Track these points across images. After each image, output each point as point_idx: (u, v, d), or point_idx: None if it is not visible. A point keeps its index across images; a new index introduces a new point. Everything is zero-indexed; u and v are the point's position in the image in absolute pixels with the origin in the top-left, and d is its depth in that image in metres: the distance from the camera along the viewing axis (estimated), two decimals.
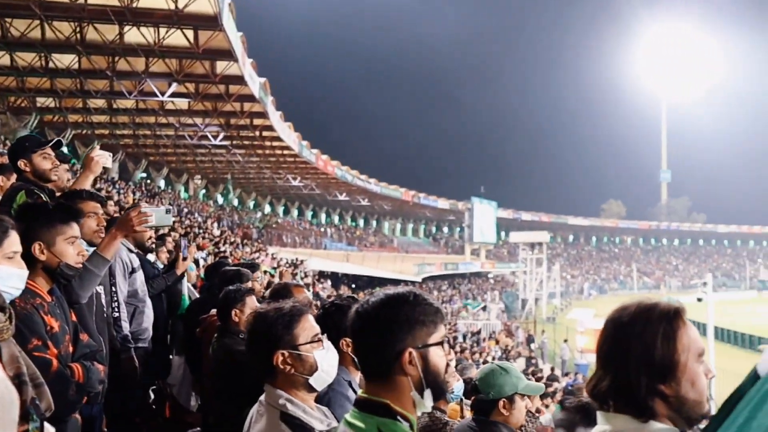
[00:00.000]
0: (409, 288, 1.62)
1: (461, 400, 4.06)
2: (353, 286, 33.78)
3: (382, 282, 37.76)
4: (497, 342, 27.33)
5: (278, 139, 29.76)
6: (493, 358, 18.91)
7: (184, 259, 5.37)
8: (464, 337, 26.74)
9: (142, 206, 3.25)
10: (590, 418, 2.24)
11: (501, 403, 2.98)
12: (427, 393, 1.55)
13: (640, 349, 1.37)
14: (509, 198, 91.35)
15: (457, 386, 3.74)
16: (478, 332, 28.62)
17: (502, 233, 69.67)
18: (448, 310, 37.87)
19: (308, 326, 2.07)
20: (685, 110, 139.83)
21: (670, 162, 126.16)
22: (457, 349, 18.00)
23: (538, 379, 13.24)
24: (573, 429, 2.94)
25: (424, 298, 1.57)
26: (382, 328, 1.53)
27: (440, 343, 1.58)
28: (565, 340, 26.40)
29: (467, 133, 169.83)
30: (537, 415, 3.40)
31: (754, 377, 1.40)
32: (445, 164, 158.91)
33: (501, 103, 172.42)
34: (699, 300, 22.72)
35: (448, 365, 3.44)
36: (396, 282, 38.97)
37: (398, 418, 1.52)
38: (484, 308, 41.03)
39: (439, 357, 1.57)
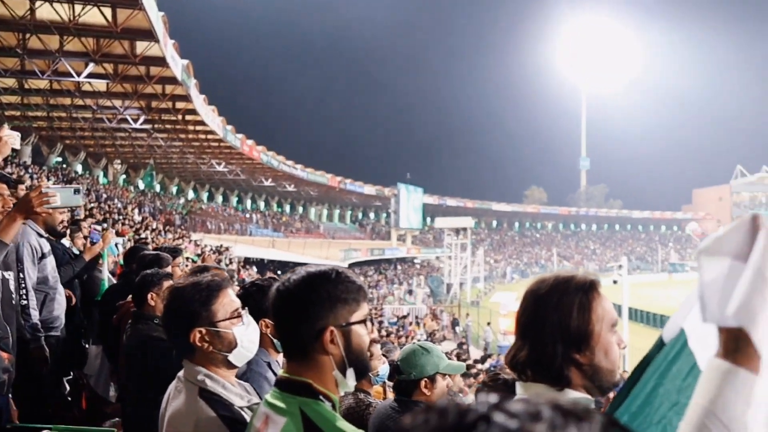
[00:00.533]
0: (330, 265, 1.58)
1: (385, 382, 4.07)
2: (279, 272, 33.47)
3: None
4: (424, 326, 27.68)
5: (202, 123, 29.03)
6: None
7: (93, 243, 5.16)
8: (390, 322, 26.94)
9: (44, 185, 2.94)
10: (511, 393, 2.27)
11: (423, 383, 2.99)
12: (350, 372, 1.53)
13: (557, 319, 1.39)
14: (435, 184, 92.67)
15: (382, 369, 3.73)
16: (405, 317, 28.88)
17: (428, 219, 70.43)
18: (374, 295, 38.10)
19: (227, 301, 2.00)
20: (604, 101, 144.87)
21: (589, 150, 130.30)
22: (383, 333, 18.10)
23: (477, 370, 13.45)
24: None
25: (346, 276, 1.54)
26: (303, 306, 1.50)
27: (362, 322, 1.56)
28: (489, 323, 26.99)
29: (394, 119, 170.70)
30: (460, 394, 3.42)
31: (659, 345, 1.46)
32: (372, 150, 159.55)
33: (428, 90, 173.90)
34: (614, 282, 23.60)
35: (372, 344, 3.41)
36: None
37: (320, 397, 1.50)
38: (410, 292, 41.47)
39: (361, 335, 1.54)
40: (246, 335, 2.01)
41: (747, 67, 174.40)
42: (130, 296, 3.88)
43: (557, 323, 1.39)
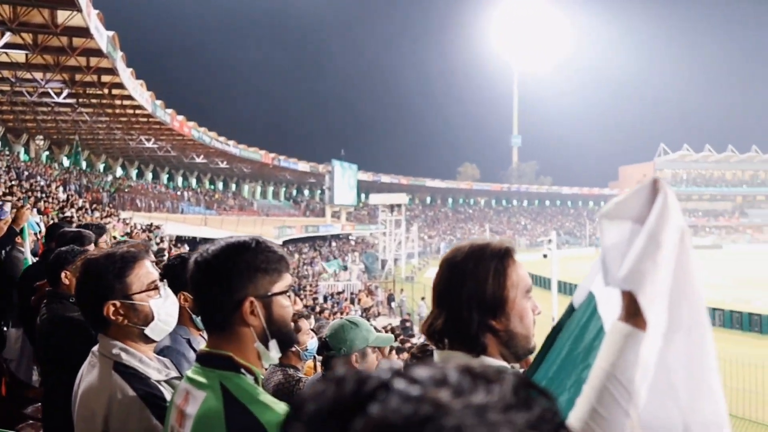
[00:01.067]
0: (251, 235, 1.53)
1: (315, 357, 4.04)
2: None
3: None
4: (359, 302, 27.81)
5: (129, 97, 28.07)
6: None
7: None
8: (325, 298, 26.94)
9: None
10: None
11: (353, 357, 2.96)
12: (273, 344, 1.50)
13: (473, 286, 1.39)
14: (370, 161, 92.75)
15: (311, 343, 3.68)
16: (340, 293, 28.93)
17: (363, 195, 70.49)
18: (309, 272, 37.99)
19: (143, 273, 1.92)
20: (535, 80, 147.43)
21: (520, 128, 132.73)
22: (318, 310, 18.10)
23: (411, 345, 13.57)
24: None
25: (267, 246, 1.50)
26: (221, 277, 1.45)
27: (284, 292, 1.52)
28: (422, 298, 27.28)
29: (329, 95, 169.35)
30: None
31: (570, 310, 1.49)
32: (306, 127, 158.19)
33: (363, 67, 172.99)
34: (545, 256, 24.26)
35: (300, 317, 3.36)
36: None
37: (242, 371, 1.46)
38: (345, 268, 41.50)
39: (283, 306, 1.51)
40: (164, 308, 1.94)
41: (671, 50, 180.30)
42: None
43: (473, 290, 1.39)
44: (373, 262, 46.79)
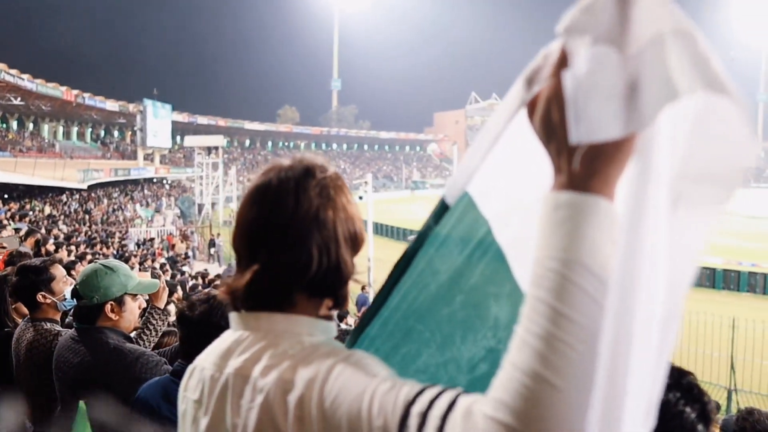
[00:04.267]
0: None
1: None
2: (5, 196, 30.05)
3: (42, 191, 34.36)
4: (173, 247, 26.92)
5: None
6: (166, 266, 18.62)
7: None
8: (138, 245, 25.76)
9: None
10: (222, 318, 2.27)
11: (108, 306, 2.67)
12: None
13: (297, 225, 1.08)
14: (185, 101, 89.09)
15: (69, 291, 3.38)
16: (152, 239, 27.78)
17: (178, 138, 67.55)
18: (120, 217, 36.05)
19: None
20: (355, 24, 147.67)
21: (340, 71, 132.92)
22: (125, 257, 17.27)
23: None
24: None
25: None
26: None
27: None
28: None
29: (140, 31, 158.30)
30: (168, 314, 3.30)
31: (442, 209, 1.18)
32: (114, 63, 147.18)
33: (178, 2, 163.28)
34: (361, 198, 24.92)
35: (50, 263, 3.10)
36: (57, 190, 35.70)
37: None
38: (157, 211, 39.87)
39: None
40: None
41: (485, 3, 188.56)
42: None
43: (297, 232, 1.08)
44: (190, 207, 45.29)
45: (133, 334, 2.94)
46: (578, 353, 0.68)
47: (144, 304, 2.99)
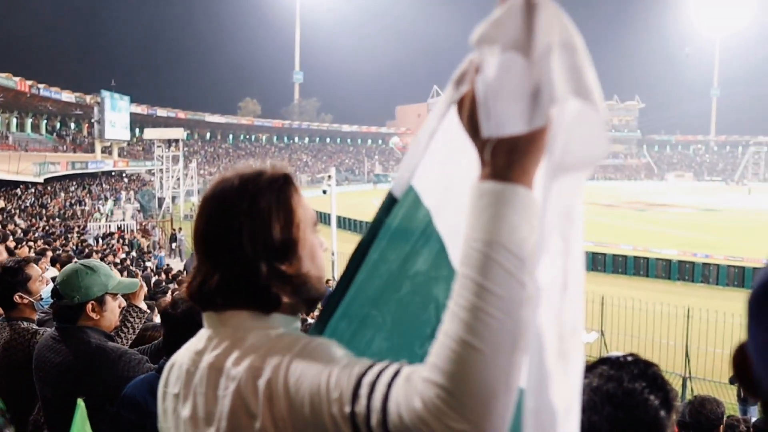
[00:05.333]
0: None
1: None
2: None
3: None
4: (133, 240, 26.53)
5: None
6: (126, 261, 18.39)
7: None
8: (97, 240, 25.34)
9: None
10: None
11: (89, 306, 2.69)
12: None
13: (254, 227, 1.14)
14: (144, 93, 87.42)
15: (45, 291, 3.35)
16: (111, 234, 27.36)
17: (137, 130, 66.46)
18: (77, 211, 35.38)
19: None
20: (317, 16, 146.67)
21: (302, 64, 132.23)
22: (86, 253, 16.99)
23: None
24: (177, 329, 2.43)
25: None
26: None
27: None
28: None
29: (95, 21, 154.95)
30: (146, 312, 3.33)
31: (390, 202, 1.28)
32: (70, 54, 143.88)
33: None
34: (324, 192, 24.86)
35: (25, 263, 3.12)
36: (12, 184, 34.87)
37: None
38: (117, 206, 39.24)
39: None
40: None
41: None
42: None
43: (255, 234, 1.14)
44: (150, 201, 44.63)
45: None
46: (499, 321, 0.80)
47: (124, 303, 3.01)
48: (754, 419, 6.94)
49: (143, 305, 3.42)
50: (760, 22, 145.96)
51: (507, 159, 0.84)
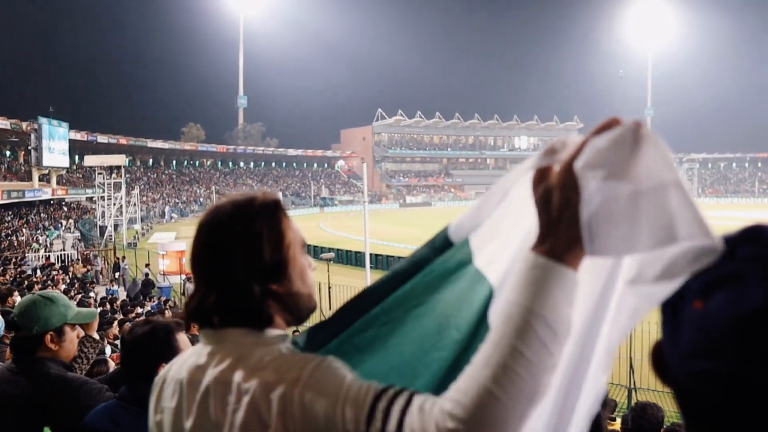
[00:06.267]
0: None
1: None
2: None
3: None
4: (73, 272, 25.82)
5: None
6: (71, 292, 17.90)
7: None
8: (35, 270, 24.58)
9: None
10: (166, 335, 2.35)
11: (48, 337, 2.69)
12: None
13: (248, 250, 1.23)
14: (83, 119, 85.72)
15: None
16: (51, 264, 26.57)
17: (76, 157, 64.88)
18: (14, 242, 34.26)
19: None
20: (261, 40, 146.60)
21: (246, 88, 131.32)
22: (26, 284, 16.49)
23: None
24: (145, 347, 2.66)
25: None
26: None
27: None
28: (147, 265, 26.27)
29: (32, 46, 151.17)
30: (99, 342, 3.30)
31: (445, 242, 1.30)
32: (5, 79, 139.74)
33: (75, 14, 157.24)
34: None
35: None
36: None
37: None
38: (58, 236, 38.13)
39: None
40: None
41: (389, 22, 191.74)
42: None
43: (249, 256, 1.23)
44: (91, 229, 43.57)
45: None
46: (524, 380, 0.91)
47: (82, 333, 2.99)
48: None
49: (96, 335, 3.40)
50: (688, 43, 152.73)
51: (567, 244, 0.92)
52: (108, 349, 7.24)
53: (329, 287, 18.02)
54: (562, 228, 0.92)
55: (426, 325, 1.27)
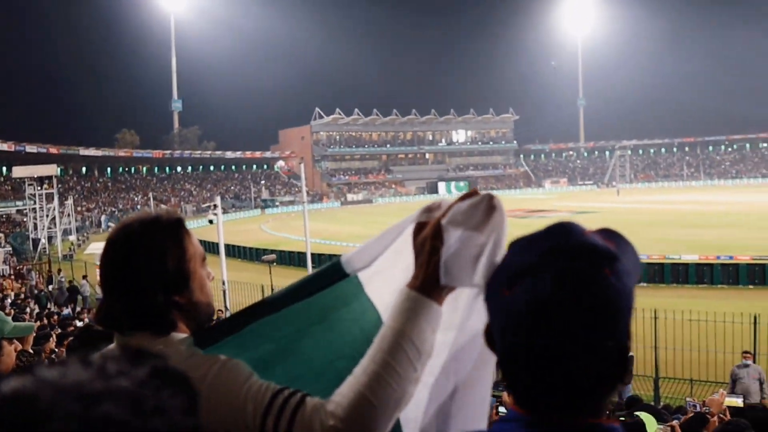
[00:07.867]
0: None
1: None
2: None
3: None
4: (3, 290, 24.99)
5: None
6: (5, 309, 17.37)
7: None
8: None
9: None
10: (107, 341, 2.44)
11: None
12: None
13: (152, 264, 1.36)
14: (9, 129, 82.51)
15: None
16: None
17: (3, 168, 62.65)
18: None
19: None
20: (194, 42, 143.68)
21: (181, 91, 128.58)
22: None
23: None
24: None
25: None
26: None
27: None
28: (84, 276, 25.66)
29: None
30: (36, 357, 3.34)
31: (339, 272, 1.46)
32: None
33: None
34: (210, 222, 24.42)
35: None
36: None
37: None
38: None
39: None
40: None
41: (323, 20, 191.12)
42: None
43: (153, 269, 1.36)
44: (23, 243, 42.26)
45: None
46: (393, 390, 1.18)
47: (20, 347, 3.04)
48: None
49: (31, 350, 3.44)
50: (616, 34, 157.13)
51: (432, 283, 1.22)
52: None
53: (272, 289, 18.01)
54: (430, 270, 1.22)
55: (323, 341, 1.44)
